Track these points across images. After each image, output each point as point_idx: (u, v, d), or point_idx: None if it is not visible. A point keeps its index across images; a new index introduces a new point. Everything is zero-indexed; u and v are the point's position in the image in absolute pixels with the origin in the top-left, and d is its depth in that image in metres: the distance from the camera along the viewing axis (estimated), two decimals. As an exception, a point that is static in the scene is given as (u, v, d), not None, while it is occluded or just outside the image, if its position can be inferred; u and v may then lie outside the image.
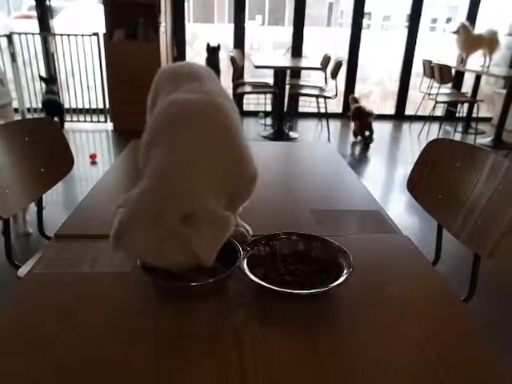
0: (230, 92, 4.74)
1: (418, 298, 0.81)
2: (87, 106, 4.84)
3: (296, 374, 0.62)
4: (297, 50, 5.40)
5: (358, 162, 4.13)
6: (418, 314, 0.76)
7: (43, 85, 4.42)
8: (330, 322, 0.74)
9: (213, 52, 4.92)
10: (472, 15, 5.42)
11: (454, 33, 4.87)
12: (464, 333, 0.73)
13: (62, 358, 0.63)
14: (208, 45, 4.93)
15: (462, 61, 5.05)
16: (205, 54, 4.97)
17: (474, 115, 5.01)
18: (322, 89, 4.75)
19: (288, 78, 4.92)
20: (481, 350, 0.69)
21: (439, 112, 5.19)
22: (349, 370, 0.63)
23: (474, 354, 0.68)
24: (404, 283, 0.85)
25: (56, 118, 4.30)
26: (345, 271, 0.78)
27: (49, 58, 4.76)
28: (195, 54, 5.40)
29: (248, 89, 4.71)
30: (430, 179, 1.28)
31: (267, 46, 5.95)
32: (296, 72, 5.38)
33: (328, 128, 4.78)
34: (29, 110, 4.66)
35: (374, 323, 0.73)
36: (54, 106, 4.14)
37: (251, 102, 5.42)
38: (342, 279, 0.75)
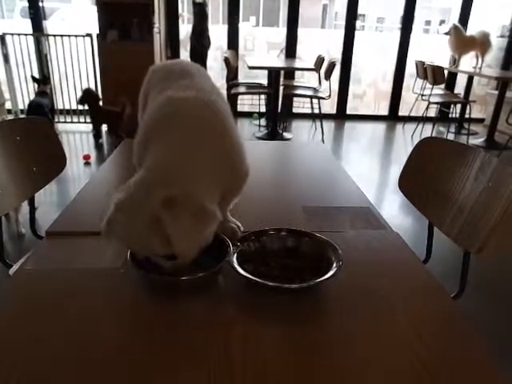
0: (223, 92, 4.73)
1: (407, 293, 0.82)
2: (81, 107, 4.83)
3: (285, 368, 0.62)
4: (291, 50, 5.42)
5: (352, 162, 4.15)
6: (407, 310, 0.76)
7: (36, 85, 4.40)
8: (318, 316, 0.74)
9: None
10: (464, 17, 5.46)
11: (446, 34, 4.90)
12: (453, 328, 0.74)
13: (52, 354, 0.63)
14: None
15: (455, 62, 5.08)
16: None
17: (467, 116, 5.05)
18: (315, 89, 4.77)
19: (282, 79, 4.93)
20: (469, 346, 0.69)
21: (432, 113, 5.23)
22: (337, 364, 0.64)
23: (462, 349, 0.68)
24: (393, 279, 0.86)
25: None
26: (334, 265, 0.78)
27: (42, 59, 4.75)
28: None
29: (242, 89, 4.72)
30: (421, 178, 1.29)
31: (261, 46, 5.96)
32: (290, 73, 5.39)
33: (322, 129, 4.80)
34: (22, 111, 4.64)
35: (362, 318, 0.73)
36: (35, 109, 4.04)
37: (245, 102, 5.43)
38: (331, 273, 0.76)
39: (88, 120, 4.78)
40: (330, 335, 0.70)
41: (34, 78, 4.32)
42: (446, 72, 4.77)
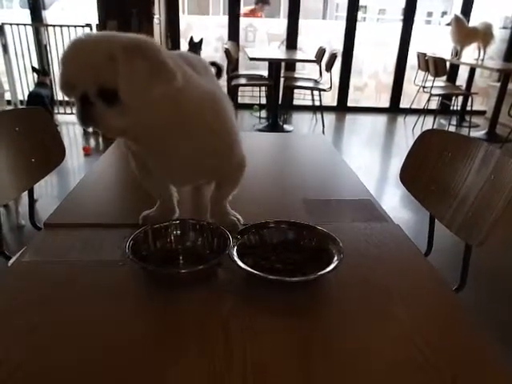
0: (224, 84, 4.72)
1: (408, 285, 0.81)
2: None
3: (284, 361, 0.61)
4: (292, 42, 5.38)
5: (353, 154, 4.13)
6: (408, 303, 0.76)
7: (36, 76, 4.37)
8: (319, 309, 0.74)
9: (194, 47, 4.85)
10: (467, 8, 5.41)
11: (448, 25, 4.86)
12: (454, 321, 0.73)
13: (47, 345, 0.63)
14: (191, 39, 4.88)
15: (457, 54, 5.04)
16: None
17: (469, 108, 5.02)
18: (316, 81, 4.74)
19: (283, 71, 4.90)
20: (471, 339, 0.69)
21: (434, 105, 5.19)
22: (337, 357, 0.63)
23: (464, 342, 0.68)
24: (394, 271, 0.85)
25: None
26: (335, 258, 0.77)
27: (41, 50, 4.71)
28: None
29: (243, 81, 4.69)
30: (422, 170, 1.28)
31: (262, 38, 5.92)
32: (291, 64, 5.36)
33: (323, 121, 4.77)
34: (21, 101, 4.61)
35: (363, 311, 0.73)
36: (35, 100, 4.00)
37: (246, 94, 5.40)
38: (332, 266, 0.75)
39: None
40: (331, 327, 0.69)
41: (34, 69, 4.29)
42: (447, 64, 4.74)
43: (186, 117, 0.76)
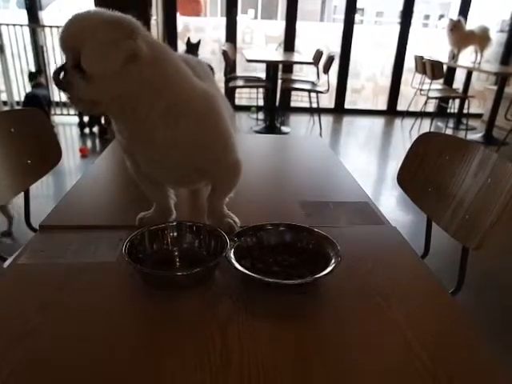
0: (221, 85, 4.72)
1: (405, 289, 0.81)
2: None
3: (281, 363, 0.61)
4: (289, 44, 5.39)
5: (350, 157, 4.14)
6: (404, 305, 0.75)
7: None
8: (316, 311, 0.73)
9: (191, 49, 4.84)
10: (464, 12, 5.44)
11: (448, 30, 4.89)
12: (451, 325, 0.73)
13: (44, 347, 0.62)
14: (188, 40, 4.88)
15: (454, 57, 5.07)
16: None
17: (465, 111, 5.04)
18: (314, 83, 4.75)
19: (280, 73, 4.91)
20: (468, 342, 0.69)
21: (431, 108, 5.21)
22: (334, 360, 0.63)
23: (462, 346, 0.68)
24: (391, 274, 0.85)
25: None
26: (332, 261, 0.77)
27: (38, 51, 4.70)
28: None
29: (240, 83, 4.69)
30: (420, 173, 1.28)
31: (259, 40, 5.93)
32: (288, 66, 5.37)
33: (320, 123, 4.78)
34: (18, 102, 4.60)
35: (360, 313, 0.73)
36: (32, 101, 4.00)
37: (243, 96, 5.40)
38: (329, 269, 0.75)
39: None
40: (328, 330, 0.69)
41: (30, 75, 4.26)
42: (444, 67, 4.76)
43: (173, 105, 0.77)
